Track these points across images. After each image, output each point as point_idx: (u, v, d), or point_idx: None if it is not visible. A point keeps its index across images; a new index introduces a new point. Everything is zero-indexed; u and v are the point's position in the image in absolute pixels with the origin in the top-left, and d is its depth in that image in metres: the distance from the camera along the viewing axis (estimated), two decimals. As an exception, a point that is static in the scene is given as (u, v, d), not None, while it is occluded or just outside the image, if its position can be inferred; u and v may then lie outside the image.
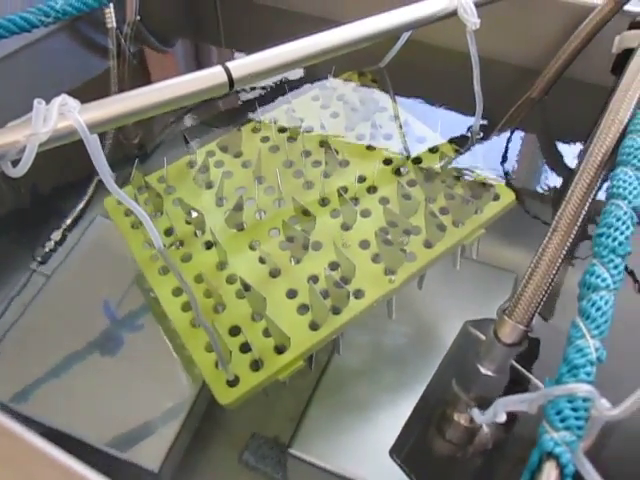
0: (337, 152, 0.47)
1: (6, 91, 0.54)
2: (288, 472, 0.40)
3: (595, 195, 0.31)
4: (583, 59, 0.51)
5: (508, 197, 0.44)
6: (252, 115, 0.51)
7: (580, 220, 0.30)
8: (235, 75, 0.34)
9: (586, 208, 0.30)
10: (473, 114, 0.51)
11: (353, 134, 0.50)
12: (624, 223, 0.25)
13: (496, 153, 0.53)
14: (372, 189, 0.46)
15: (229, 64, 0.34)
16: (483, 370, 0.30)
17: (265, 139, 0.50)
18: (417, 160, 0.47)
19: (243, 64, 0.35)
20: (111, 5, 0.55)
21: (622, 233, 0.24)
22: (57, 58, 0.56)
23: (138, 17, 0.60)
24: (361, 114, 0.51)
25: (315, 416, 0.41)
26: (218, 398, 0.35)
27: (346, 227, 0.43)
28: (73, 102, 0.29)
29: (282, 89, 0.53)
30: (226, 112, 0.63)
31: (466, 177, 0.44)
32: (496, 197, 0.44)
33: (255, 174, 0.46)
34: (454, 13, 0.43)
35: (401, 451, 0.35)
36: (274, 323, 0.36)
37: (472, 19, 0.42)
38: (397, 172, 0.47)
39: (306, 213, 0.42)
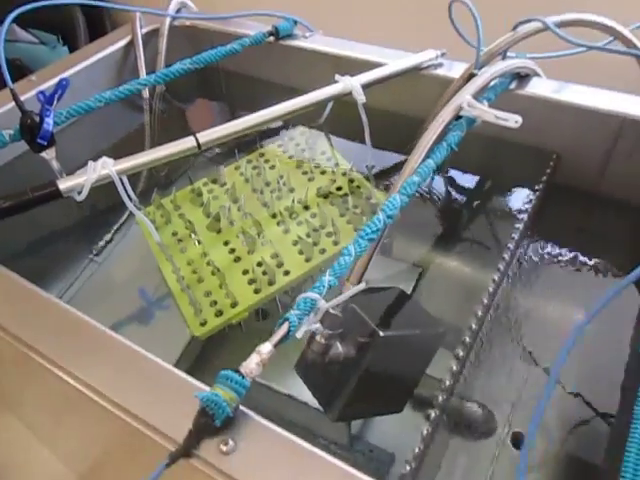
0: (286, 183, 0.71)
1: (79, 141, 0.81)
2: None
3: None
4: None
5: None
6: (239, 155, 0.76)
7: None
8: (202, 141, 0.59)
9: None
10: (391, 153, 0.74)
11: (300, 170, 0.73)
12: (375, 225, 0.46)
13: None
14: (306, 207, 0.69)
15: (198, 135, 0.59)
16: (331, 310, 0.52)
17: (242, 174, 0.74)
18: (339, 188, 0.70)
19: (207, 134, 0.59)
20: (144, 84, 0.82)
21: (371, 229, 0.46)
22: (109, 117, 0.82)
23: (164, 88, 0.86)
24: (307, 155, 0.74)
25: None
26: (193, 331, 0.59)
27: (286, 231, 0.67)
28: (109, 160, 0.54)
29: (259, 139, 0.77)
30: (226, 152, 0.87)
31: (365, 198, 0.66)
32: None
33: (231, 197, 0.71)
34: (350, 93, 0.65)
35: (299, 366, 0.56)
36: (230, 290, 0.60)
37: (360, 97, 0.64)
38: (325, 196, 0.70)
39: (259, 224, 0.66)
